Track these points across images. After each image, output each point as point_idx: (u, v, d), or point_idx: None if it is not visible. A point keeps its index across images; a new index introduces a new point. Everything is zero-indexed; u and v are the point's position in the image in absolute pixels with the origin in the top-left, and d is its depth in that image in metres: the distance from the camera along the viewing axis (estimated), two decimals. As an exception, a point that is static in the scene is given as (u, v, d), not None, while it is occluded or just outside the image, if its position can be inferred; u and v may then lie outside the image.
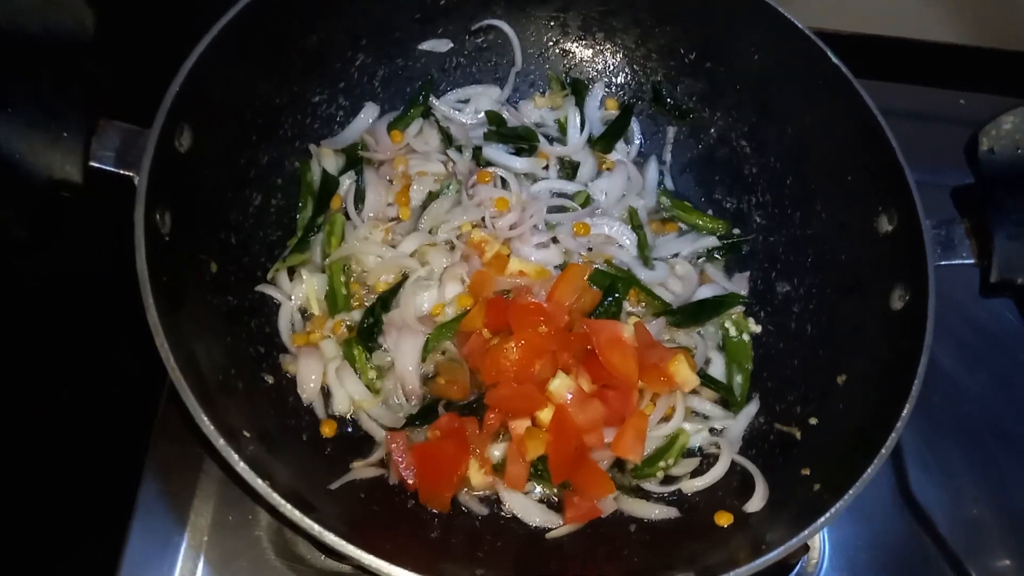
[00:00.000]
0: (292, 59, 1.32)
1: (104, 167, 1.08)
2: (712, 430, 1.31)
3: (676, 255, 1.45)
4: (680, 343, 1.36)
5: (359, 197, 1.40)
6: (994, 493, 1.36)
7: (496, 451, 1.23)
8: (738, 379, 1.34)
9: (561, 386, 1.20)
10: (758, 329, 1.39)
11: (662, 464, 1.26)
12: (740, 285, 1.42)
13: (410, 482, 1.17)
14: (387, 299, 1.31)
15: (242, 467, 0.95)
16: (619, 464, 1.26)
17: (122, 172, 1.08)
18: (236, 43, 1.18)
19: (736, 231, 1.47)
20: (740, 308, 1.40)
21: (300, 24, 1.30)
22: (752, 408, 1.31)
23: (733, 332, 1.37)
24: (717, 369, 1.35)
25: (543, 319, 1.25)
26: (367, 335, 1.29)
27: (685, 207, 1.49)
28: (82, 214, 1.25)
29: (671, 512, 1.22)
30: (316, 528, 0.94)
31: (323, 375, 1.26)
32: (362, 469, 1.19)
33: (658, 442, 1.27)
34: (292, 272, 1.34)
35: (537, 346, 1.22)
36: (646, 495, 1.24)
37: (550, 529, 1.19)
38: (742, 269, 1.45)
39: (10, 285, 1.40)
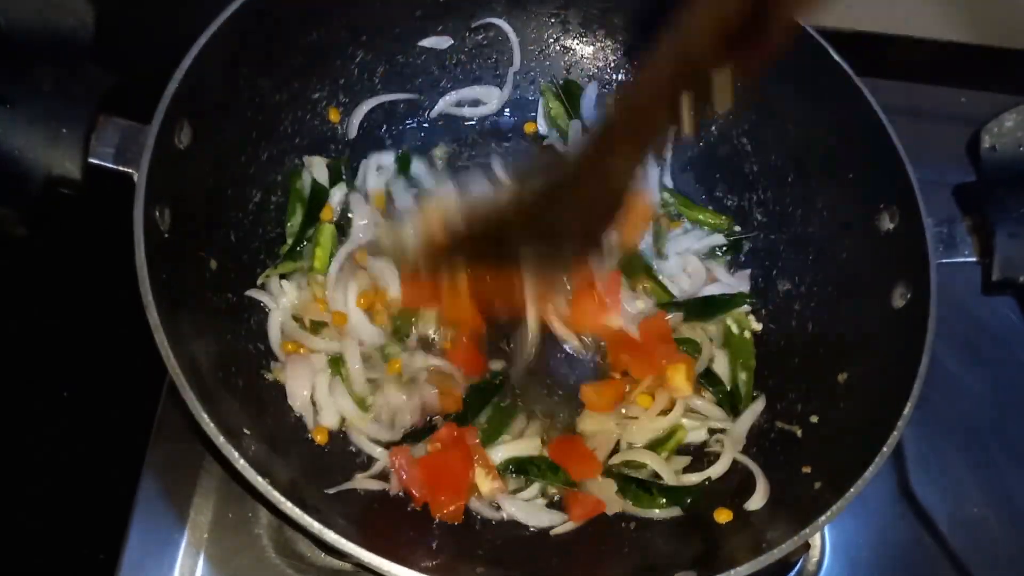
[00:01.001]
0: (292, 56, 1.32)
1: (103, 164, 1.08)
2: (711, 430, 1.30)
3: (686, 250, 1.44)
4: (684, 335, 1.36)
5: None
6: (994, 493, 1.36)
7: (498, 454, 1.22)
8: (742, 376, 1.34)
9: None
10: (759, 327, 1.39)
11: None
12: (741, 282, 1.42)
13: (417, 496, 1.15)
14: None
15: (242, 464, 0.95)
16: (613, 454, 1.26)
17: (121, 169, 1.07)
18: (236, 39, 1.18)
19: (737, 228, 1.47)
20: (747, 308, 1.40)
21: (300, 20, 1.30)
22: (758, 406, 1.30)
23: (735, 329, 1.37)
24: (720, 367, 1.35)
25: None
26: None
27: (688, 203, 1.49)
28: (81, 211, 1.25)
29: (671, 510, 1.21)
30: (316, 526, 0.93)
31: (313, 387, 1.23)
32: (363, 481, 1.18)
33: (655, 434, 1.27)
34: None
35: None
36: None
37: (552, 528, 1.19)
38: (743, 267, 1.45)
39: (9, 282, 1.39)
